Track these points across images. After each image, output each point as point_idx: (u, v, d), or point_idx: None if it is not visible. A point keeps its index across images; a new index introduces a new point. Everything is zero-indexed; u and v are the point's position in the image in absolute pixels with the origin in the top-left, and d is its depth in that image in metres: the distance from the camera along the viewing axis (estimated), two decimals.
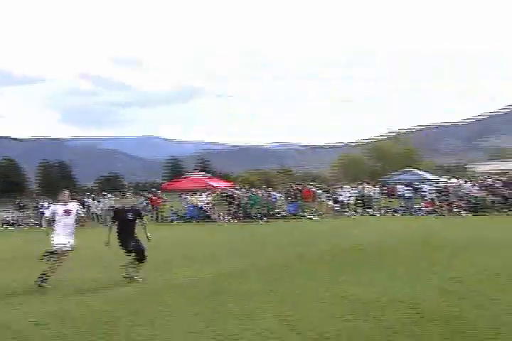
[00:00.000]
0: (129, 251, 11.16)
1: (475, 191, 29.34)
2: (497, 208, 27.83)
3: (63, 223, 11.16)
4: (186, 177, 43.53)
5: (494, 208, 27.87)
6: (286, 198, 32.77)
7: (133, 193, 25.08)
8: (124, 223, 11.35)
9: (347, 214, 30.47)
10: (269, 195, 32.30)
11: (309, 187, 33.95)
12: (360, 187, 33.17)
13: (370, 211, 30.93)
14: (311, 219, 29.41)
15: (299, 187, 33.26)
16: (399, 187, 32.63)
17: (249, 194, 32.32)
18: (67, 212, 11.23)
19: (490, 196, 28.61)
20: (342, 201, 31.96)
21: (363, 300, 8.37)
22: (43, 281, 10.76)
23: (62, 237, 11.02)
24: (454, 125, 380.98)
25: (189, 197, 33.51)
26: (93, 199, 34.57)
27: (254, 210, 31.28)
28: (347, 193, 32.46)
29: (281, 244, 17.76)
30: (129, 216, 11.41)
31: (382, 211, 30.83)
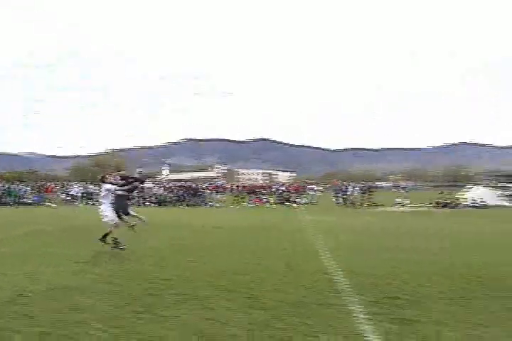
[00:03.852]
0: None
1: (160, 191, 31.27)
2: (173, 203, 30.00)
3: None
4: None
5: (172, 203, 29.98)
6: (33, 191, 31.00)
7: None
8: None
9: (76, 204, 29.98)
10: (20, 189, 30.23)
11: (50, 184, 32.74)
12: (85, 185, 33.01)
13: (91, 202, 30.84)
14: (50, 206, 28.34)
15: (43, 184, 31.94)
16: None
17: (6, 186, 30.12)
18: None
19: (170, 194, 30.74)
20: (72, 194, 31.37)
21: (84, 260, 8.49)
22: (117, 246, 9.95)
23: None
24: (150, 147, 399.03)
25: None
26: None
27: (8, 199, 29.14)
28: (76, 189, 32.00)
29: (27, 222, 16.91)
30: None
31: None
